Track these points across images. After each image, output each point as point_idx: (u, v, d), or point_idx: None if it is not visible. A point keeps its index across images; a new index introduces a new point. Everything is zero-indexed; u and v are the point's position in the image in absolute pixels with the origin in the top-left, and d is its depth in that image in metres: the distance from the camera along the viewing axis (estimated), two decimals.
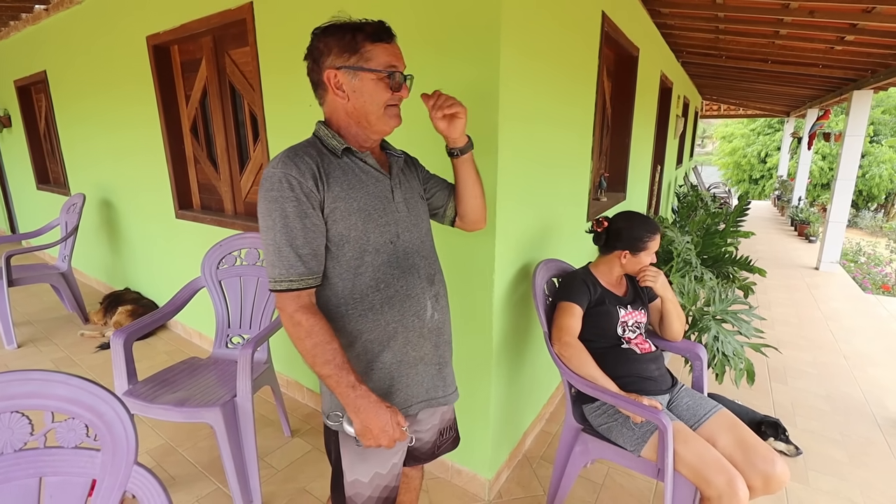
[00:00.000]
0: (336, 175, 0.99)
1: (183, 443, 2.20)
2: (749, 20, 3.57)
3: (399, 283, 1.05)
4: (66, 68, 3.83)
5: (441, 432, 1.29)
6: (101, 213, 3.98)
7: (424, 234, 1.13)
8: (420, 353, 1.10)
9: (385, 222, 1.03)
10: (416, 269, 1.08)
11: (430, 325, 1.11)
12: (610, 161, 3.53)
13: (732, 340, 2.14)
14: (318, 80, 1.01)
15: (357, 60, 0.96)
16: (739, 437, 1.42)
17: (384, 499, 1.14)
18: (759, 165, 16.19)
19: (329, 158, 1.01)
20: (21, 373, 0.89)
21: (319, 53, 0.99)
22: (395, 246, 1.04)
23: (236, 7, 2.22)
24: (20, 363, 2.97)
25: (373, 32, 0.97)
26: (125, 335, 1.77)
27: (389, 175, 1.07)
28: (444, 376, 1.17)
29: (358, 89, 0.98)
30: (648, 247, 1.63)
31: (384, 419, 0.97)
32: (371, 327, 1.03)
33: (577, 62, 2.20)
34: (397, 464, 1.14)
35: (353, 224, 0.99)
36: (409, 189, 1.12)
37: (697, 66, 5.79)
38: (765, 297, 4.40)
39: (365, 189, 1.02)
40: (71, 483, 0.93)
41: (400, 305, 1.05)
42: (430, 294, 1.10)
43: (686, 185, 7.38)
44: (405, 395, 1.09)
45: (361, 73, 0.97)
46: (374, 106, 0.99)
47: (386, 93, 0.99)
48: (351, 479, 1.10)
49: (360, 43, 0.96)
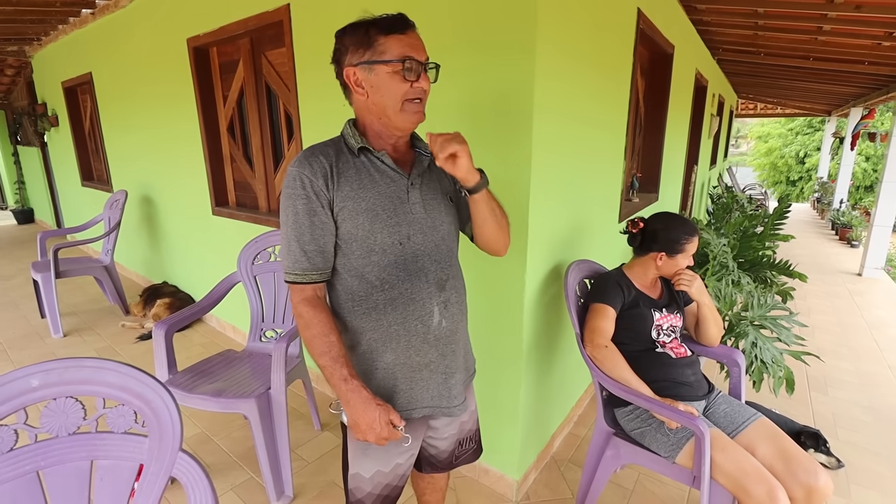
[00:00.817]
0: (349, 174, 1.00)
1: (218, 432, 2.26)
2: (791, 16, 3.44)
3: (404, 286, 1.03)
4: (109, 70, 3.99)
5: (460, 443, 1.27)
6: (142, 210, 4.14)
7: (441, 239, 1.08)
8: (424, 359, 1.08)
9: (395, 223, 1.01)
10: (425, 272, 1.05)
11: (437, 332, 1.07)
12: (642, 161, 3.46)
13: (771, 347, 2.08)
14: (342, 81, 1.02)
15: (371, 55, 0.95)
16: (780, 447, 1.37)
17: (384, 496, 1.14)
18: (798, 166, 15.59)
19: (346, 157, 1.02)
20: (75, 360, 0.93)
21: (340, 54, 1.00)
22: (403, 247, 1.02)
23: (273, 9, 2.27)
24: (66, 352, 3.12)
25: (385, 25, 0.95)
26: (167, 326, 1.83)
27: (408, 175, 1.05)
28: (451, 386, 1.12)
29: (375, 84, 0.97)
30: (686, 249, 1.59)
31: (372, 416, 0.96)
32: (374, 326, 1.04)
33: (612, 60, 2.17)
34: (402, 465, 1.14)
35: (360, 223, 0.99)
36: (432, 190, 1.08)
37: (734, 64, 5.61)
38: (804, 304, 4.24)
39: (376, 189, 1.01)
40: (120, 467, 0.97)
41: (403, 308, 1.04)
42: (438, 300, 1.07)
43: (720, 187, 7.18)
44: (408, 399, 1.09)
45: (376, 67, 0.95)
46: (391, 100, 0.97)
47: (403, 84, 0.96)
48: (353, 472, 1.12)
49: (374, 37, 0.95)
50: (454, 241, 1.14)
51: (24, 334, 3.40)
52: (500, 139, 1.60)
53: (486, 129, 1.62)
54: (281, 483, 1.82)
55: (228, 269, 2.34)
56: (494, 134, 1.61)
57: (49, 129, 5.76)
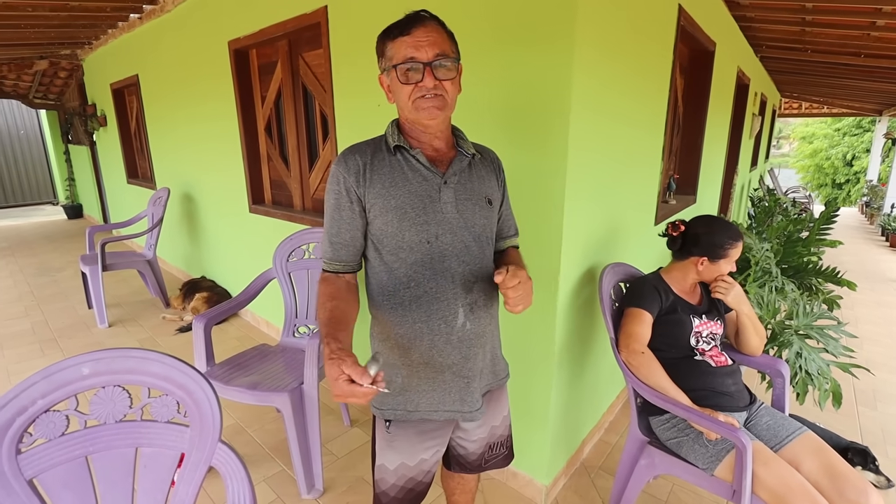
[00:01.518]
0: (382, 172, 1.03)
1: (252, 424, 2.32)
2: (841, 10, 3.26)
3: (429, 284, 1.04)
4: (155, 72, 4.16)
5: (490, 447, 1.26)
6: (183, 207, 4.29)
7: (472, 240, 1.06)
8: (447, 360, 1.07)
9: (423, 221, 1.02)
10: (451, 272, 1.04)
11: (461, 334, 1.06)
12: (680, 162, 3.36)
13: (817, 358, 1.98)
14: None
15: (385, 62, 1.01)
16: (827, 463, 1.31)
17: (409, 489, 1.15)
18: (844, 169, 14.86)
19: (382, 155, 1.05)
20: (122, 350, 0.96)
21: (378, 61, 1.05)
22: (431, 246, 1.03)
23: (311, 11, 2.31)
24: (111, 341, 3.26)
25: (392, 29, 0.98)
26: (206, 320, 1.89)
27: (443, 174, 1.04)
28: (472, 391, 1.11)
29: (394, 89, 1.02)
30: (729, 255, 1.53)
31: (332, 372, 0.84)
32: (400, 322, 1.06)
33: (650, 57, 2.11)
34: (427, 460, 1.14)
35: (389, 220, 1.02)
36: (468, 191, 1.07)
37: (778, 61, 5.38)
38: (852, 314, 4.03)
39: (407, 187, 1.02)
40: (163, 455, 1.00)
41: (427, 307, 1.04)
42: (463, 301, 1.06)
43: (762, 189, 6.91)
44: (431, 400, 1.09)
45: (391, 73, 1.00)
46: (402, 101, 1.01)
47: (406, 86, 0.98)
48: (378, 463, 1.14)
49: (385, 44, 1.00)
50: (487, 244, 1.12)
51: (73, 324, 3.58)
52: (535, 137, 1.58)
53: (521, 126, 1.61)
54: (312, 476, 1.86)
55: (263, 266, 2.39)
56: (529, 131, 1.59)
57: (98, 129, 6.04)
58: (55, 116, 8.31)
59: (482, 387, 1.15)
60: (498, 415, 1.25)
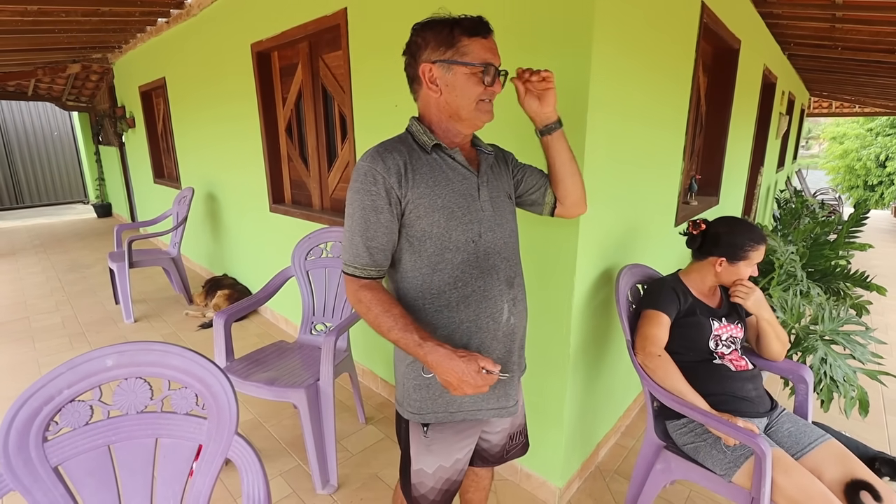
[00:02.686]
0: (423, 171, 1.01)
1: (269, 419, 2.36)
2: (874, 5, 3.15)
3: (477, 283, 1.04)
4: (181, 75, 4.26)
5: (511, 437, 1.28)
6: (206, 206, 4.39)
7: (508, 236, 1.11)
8: (492, 356, 1.09)
9: (468, 220, 1.03)
10: (496, 270, 1.07)
11: (505, 329, 1.09)
12: (702, 162, 3.29)
13: (843, 364, 1.92)
14: (414, 75, 1.04)
15: (453, 55, 0.97)
16: (851, 473, 1.27)
17: (445, 490, 1.16)
18: (877, 170, 14.31)
19: (418, 154, 1.03)
20: (145, 343, 1.00)
21: (417, 48, 1.01)
22: (476, 245, 1.04)
23: (331, 13, 2.34)
24: (136, 336, 3.36)
25: (470, 27, 0.97)
26: (226, 316, 1.93)
27: (477, 173, 1.07)
28: (515, 384, 1.15)
29: (451, 83, 0.99)
30: (750, 257, 1.50)
31: (459, 369, 0.92)
32: (445, 324, 1.05)
33: (672, 55, 2.08)
34: (461, 459, 1.16)
35: (435, 221, 1.00)
36: (496, 188, 1.10)
37: (806, 59, 5.23)
38: (881, 319, 3.89)
39: (450, 186, 1.02)
40: (181, 446, 1.03)
41: (476, 306, 1.05)
42: (508, 297, 1.08)
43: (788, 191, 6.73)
44: (475, 398, 1.09)
45: (455, 67, 0.97)
46: (466, 100, 1.00)
47: (478, 87, 0.99)
48: (416, 468, 1.13)
49: (457, 37, 0.96)
50: (517, 240, 1.17)
51: (100, 318, 3.70)
52: None
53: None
54: (326, 472, 1.88)
55: (283, 264, 2.43)
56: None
57: (127, 130, 6.23)
58: (87, 118, 8.59)
59: (517, 380, 1.18)
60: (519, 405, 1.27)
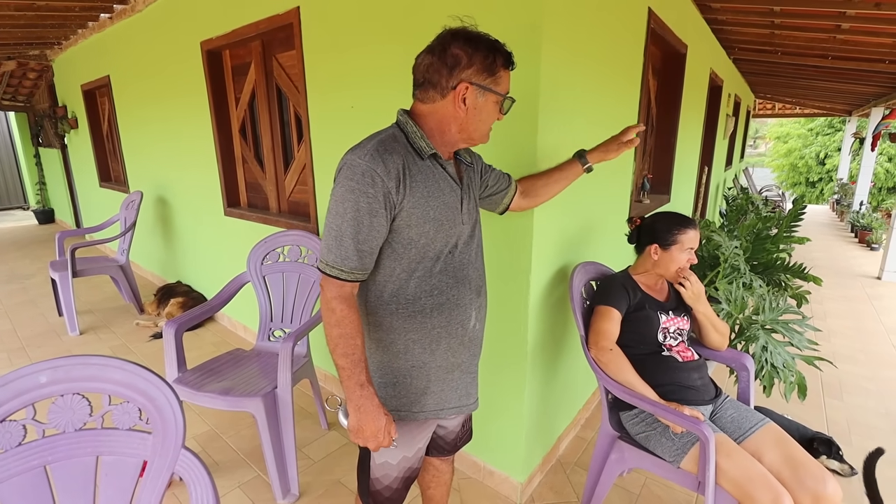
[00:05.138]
0: (419, 179, 0.99)
1: (227, 430, 2.29)
2: (808, 14, 3.37)
3: (451, 292, 1.07)
4: (127, 73, 4.08)
5: (463, 423, 1.34)
6: (157, 210, 4.21)
7: (477, 246, 1.15)
8: (458, 360, 1.13)
9: (451, 233, 1.05)
10: (469, 280, 1.10)
11: (471, 335, 1.14)
12: (654, 162, 3.42)
13: (783, 352, 2.03)
14: (443, 85, 0.99)
15: (491, 82, 1.00)
16: (788, 453, 1.35)
17: (407, 478, 1.20)
18: (818, 167, 15.26)
19: (413, 158, 1.00)
20: (82, 357, 0.95)
21: (458, 62, 0.97)
22: (453, 256, 1.07)
23: (284, 12, 2.29)
24: (81, 349, 3.18)
25: (507, 58, 1.02)
26: (176, 325, 1.87)
27: (461, 185, 1.09)
28: (476, 384, 1.22)
29: (480, 108, 1.01)
30: (680, 241, 1.57)
31: (379, 424, 0.99)
32: (417, 328, 1.06)
33: (621, 60, 2.15)
34: (421, 448, 1.20)
35: (425, 231, 1.00)
36: (472, 200, 1.13)
37: (750, 63, 5.52)
38: (820, 308, 4.15)
39: (442, 198, 1.02)
40: (124, 463, 0.99)
41: (448, 313, 1.07)
42: (475, 305, 1.13)
43: (736, 188, 7.07)
44: (439, 400, 1.13)
45: (489, 94, 1.01)
46: (485, 125, 1.05)
47: (496, 115, 1.05)
48: (381, 462, 1.15)
49: (499, 67, 1.00)
50: (483, 248, 1.21)
51: (42, 332, 3.49)
52: (504, 140, 1.59)
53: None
54: (287, 481, 1.84)
55: (240, 269, 2.37)
56: (498, 134, 1.60)
57: (69, 132, 5.90)
58: (24, 119, 8.08)
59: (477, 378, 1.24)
60: None
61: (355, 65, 2.03)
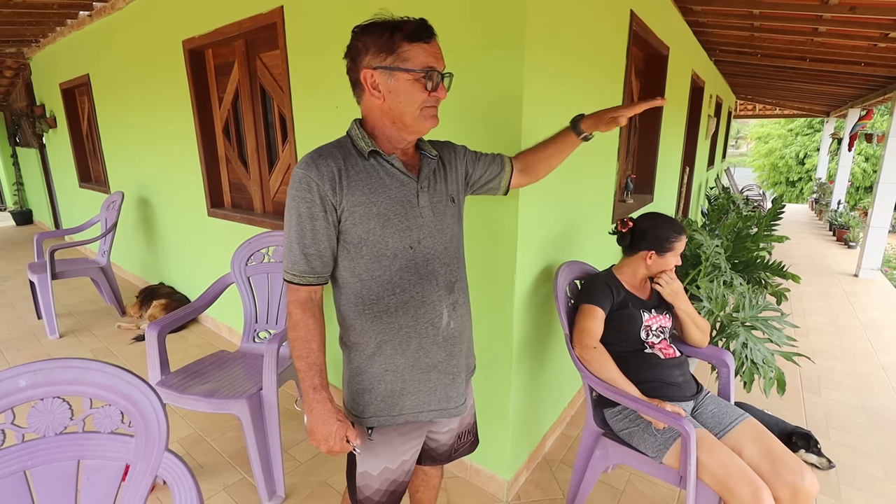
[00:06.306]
0: (359, 178, 0.99)
1: (211, 433, 2.27)
2: (786, 17, 3.45)
3: (415, 289, 1.04)
4: (107, 72, 4.01)
5: (459, 436, 1.29)
6: (139, 211, 4.15)
7: (448, 241, 1.10)
8: (433, 360, 1.09)
9: (406, 227, 1.02)
10: (435, 275, 1.06)
11: (445, 334, 1.09)
12: (637, 162, 3.47)
13: (762, 348, 2.08)
14: (356, 80, 1.01)
15: (394, 60, 0.95)
16: (767, 448, 1.38)
17: (391, 492, 1.16)
18: (798, 167, 15.58)
19: (355, 160, 1.01)
20: (62, 360, 0.94)
21: (357, 52, 0.98)
22: (414, 251, 1.03)
23: (267, 11, 2.28)
24: (61, 352, 3.12)
25: (411, 32, 0.95)
26: (159, 328, 1.84)
27: (417, 178, 1.05)
28: (457, 386, 1.15)
29: (394, 90, 0.97)
30: (675, 247, 1.60)
31: (329, 429, 1.01)
32: (384, 329, 1.05)
33: (604, 61, 2.18)
34: (407, 461, 1.16)
35: (371, 228, 1.00)
36: (438, 193, 1.09)
37: (731, 65, 5.63)
38: (799, 305, 4.25)
39: (387, 193, 1.01)
40: (106, 467, 0.97)
41: (415, 311, 1.05)
42: (447, 302, 1.09)
43: (717, 188, 7.19)
44: (416, 401, 1.10)
45: (398, 74, 0.95)
46: (409, 107, 0.98)
47: (422, 93, 0.98)
48: (361, 471, 1.13)
49: (398, 43, 0.94)
50: (461, 243, 1.17)
51: (21, 335, 3.41)
52: (489, 140, 1.60)
53: (476, 130, 1.63)
54: (273, 483, 1.83)
55: (224, 270, 2.35)
56: (484, 134, 1.62)
57: (47, 131, 5.78)
58: (1, 118, 7.89)
59: (463, 381, 1.17)
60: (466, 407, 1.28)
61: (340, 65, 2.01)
